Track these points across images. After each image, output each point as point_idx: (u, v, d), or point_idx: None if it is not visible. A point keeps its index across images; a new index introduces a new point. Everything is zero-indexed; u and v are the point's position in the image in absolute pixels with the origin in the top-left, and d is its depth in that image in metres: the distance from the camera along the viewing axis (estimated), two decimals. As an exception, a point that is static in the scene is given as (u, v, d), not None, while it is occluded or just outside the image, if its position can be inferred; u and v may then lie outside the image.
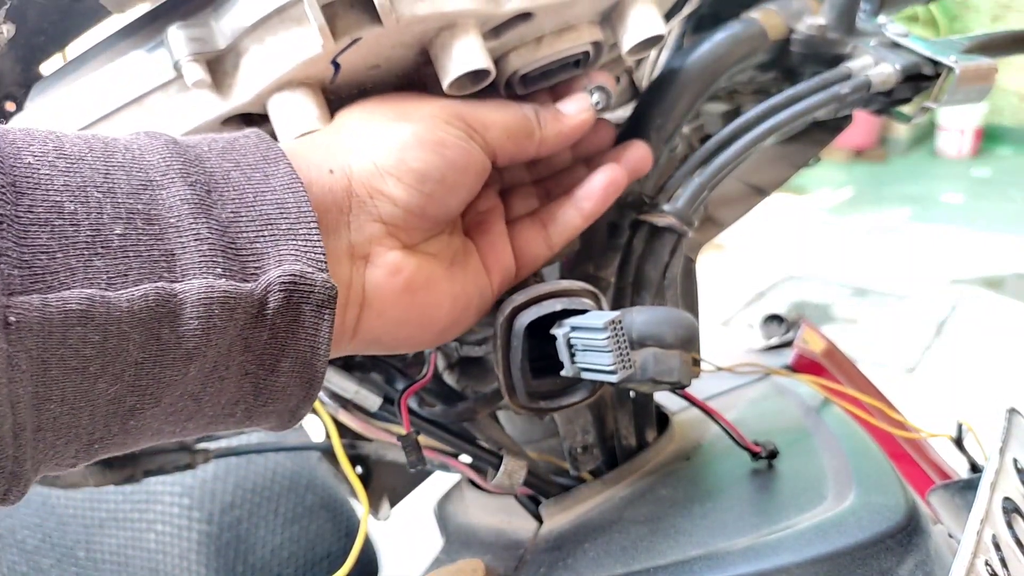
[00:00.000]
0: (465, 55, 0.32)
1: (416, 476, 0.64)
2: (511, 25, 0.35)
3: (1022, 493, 0.37)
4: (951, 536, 0.39)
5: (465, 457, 0.45)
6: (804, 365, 0.67)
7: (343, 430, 0.46)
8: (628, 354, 0.31)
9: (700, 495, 0.42)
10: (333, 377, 0.42)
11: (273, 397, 0.27)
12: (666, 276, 0.42)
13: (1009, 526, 0.35)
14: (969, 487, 0.39)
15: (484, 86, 0.35)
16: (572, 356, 0.32)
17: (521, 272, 0.37)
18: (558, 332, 0.32)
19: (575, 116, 0.36)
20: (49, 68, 0.37)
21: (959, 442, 0.57)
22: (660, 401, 0.51)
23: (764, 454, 0.44)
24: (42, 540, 0.74)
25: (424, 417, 0.44)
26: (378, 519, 0.61)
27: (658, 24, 0.36)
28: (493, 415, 0.47)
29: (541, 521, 0.47)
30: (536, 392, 0.35)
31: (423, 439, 0.44)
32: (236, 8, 0.31)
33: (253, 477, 0.77)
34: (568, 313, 0.33)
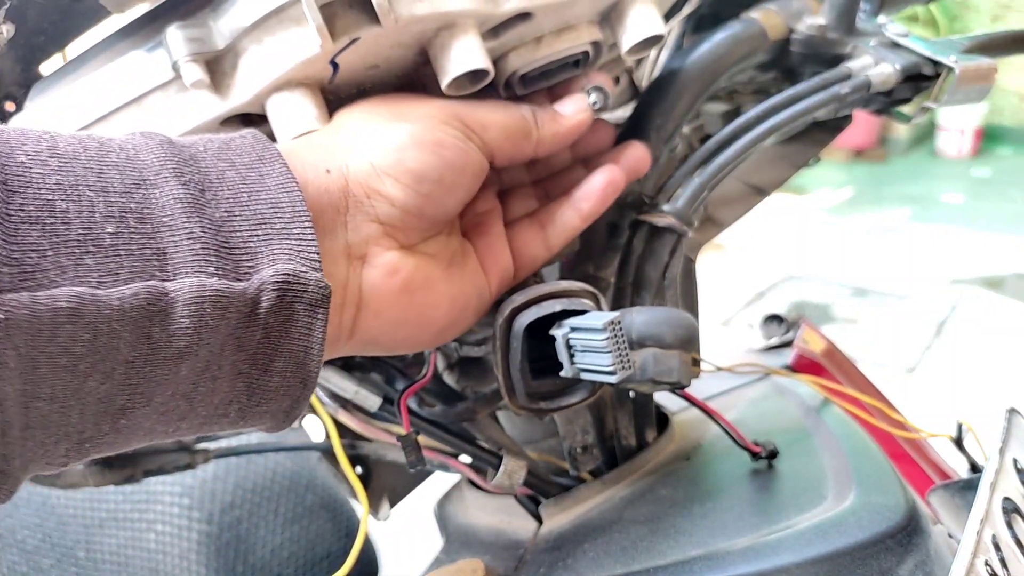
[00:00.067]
0: (464, 55, 0.32)
1: (416, 476, 0.64)
2: (510, 25, 0.34)
3: (1022, 493, 0.37)
4: (951, 536, 0.39)
5: (465, 457, 0.45)
6: (804, 365, 0.67)
7: (343, 430, 0.46)
8: (627, 355, 0.31)
9: (700, 495, 0.42)
10: (333, 377, 0.42)
11: (267, 397, 0.27)
12: (666, 276, 0.42)
13: (1009, 526, 0.35)
14: (969, 487, 0.38)
15: (483, 86, 0.35)
16: (571, 357, 0.32)
17: (519, 273, 0.37)
18: (557, 333, 0.32)
19: (573, 117, 0.36)
20: (49, 68, 0.37)
21: (959, 442, 0.57)
22: (660, 401, 0.51)
23: (764, 454, 0.44)
24: (42, 540, 0.74)
25: (424, 417, 0.44)
26: (378, 519, 0.61)
27: (657, 24, 0.36)
28: (493, 415, 0.47)
29: (541, 521, 0.47)
30: (536, 393, 0.35)
31: (423, 439, 0.44)
32: (235, 8, 0.31)
33: (253, 477, 0.77)
34: (567, 314, 0.33)
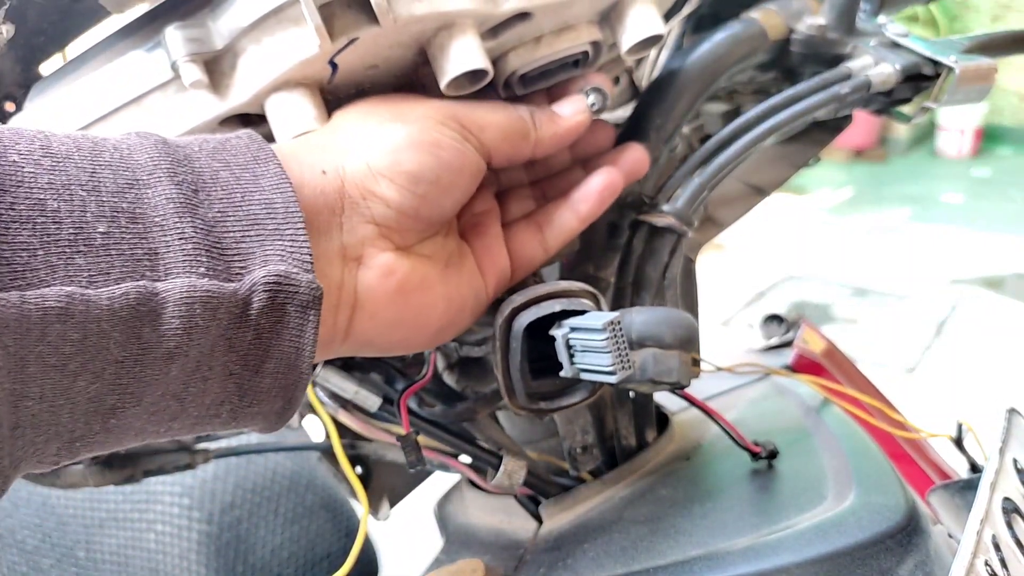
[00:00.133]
0: (463, 55, 0.32)
1: (416, 476, 0.63)
2: (509, 25, 0.34)
3: (1022, 493, 0.37)
4: (951, 536, 0.39)
5: (465, 457, 0.45)
6: (804, 365, 0.67)
7: (343, 430, 0.46)
8: (627, 355, 0.31)
9: (700, 495, 0.42)
10: (333, 377, 0.42)
11: (258, 399, 0.26)
12: (666, 276, 0.42)
13: (1009, 526, 0.35)
14: (969, 487, 0.38)
15: (482, 86, 0.35)
16: (571, 357, 0.32)
17: (516, 275, 0.37)
18: (557, 333, 0.32)
19: (571, 118, 0.36)
20: (49, 68, 0.37)
21: (959, 442, 0.57)
22: (660, 401, 0.51)
23: (764, 454, 0.44)
24: (42, 540, 0.74)
25: (424, 417, 0.44)
26: (378, 519, 0.61)
27: (657, 24, 0.36)
28: (493, 415, 0.47)
29: (541, 521, 0.47)
30: (536, 393, 0.35)
31: (423, 439, 0.44)
32: (233, 9, 0.31)
33: (253, 477, 0.77)
34: (567, 314, 0.33)
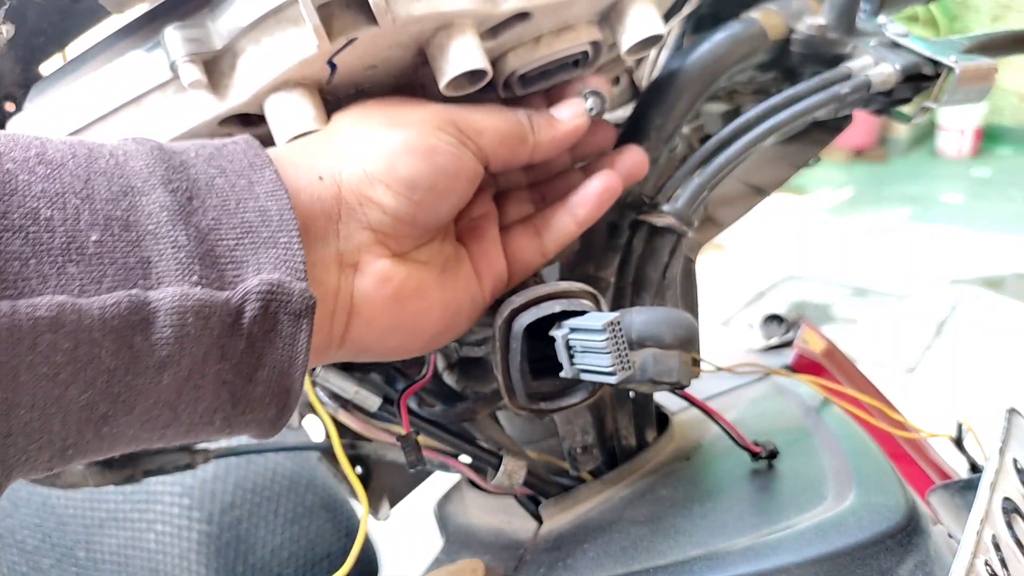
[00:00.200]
0: (462, 55, 0.32)
1: (416, 476, 0.63)
2: (509, 25, 0.34)
3: (1022, 493, 0.37)
4: (951, 536, 0.39)
5: (465, 457, 0.45)
6: (804, 365, 0.67)
7: (343, 430, 0.46)
8: (627, 355, 0.31)
9: (700, 495, 0.42)
10: (333, 377, 0.42)
11: (251, 406, 0.26)
12: (666, 276, 0.42)
13: (1009, 526, 0.35)
14: (969, 487, 0.38)
15: (482, 86, 0.35)
16: (571, 357, 0.32)
17: (514, 279, 0.37)
18: (557, 334, 0.32)
19: (569, 121, 0.36)
20: (49, 68, 0.37)
21: (959, 442, 0.57)
22: (660, 401, 0.51)
23: (764, 454, 0.44)
24: (42, 540, 0.74)
25: (424, 417, 0.44)
26: (378, 519, 0.61)
27: (657, 24, 0.36)
28: (493, 415, 0.47)
29: (541, 521, 0.47)
30: (536, 393, 0.35)
31: (423, 439, 0.44)
32: (232, 9, 0.31)
33: (253, 477, 0.77)
34: (567, 314, 0.33)
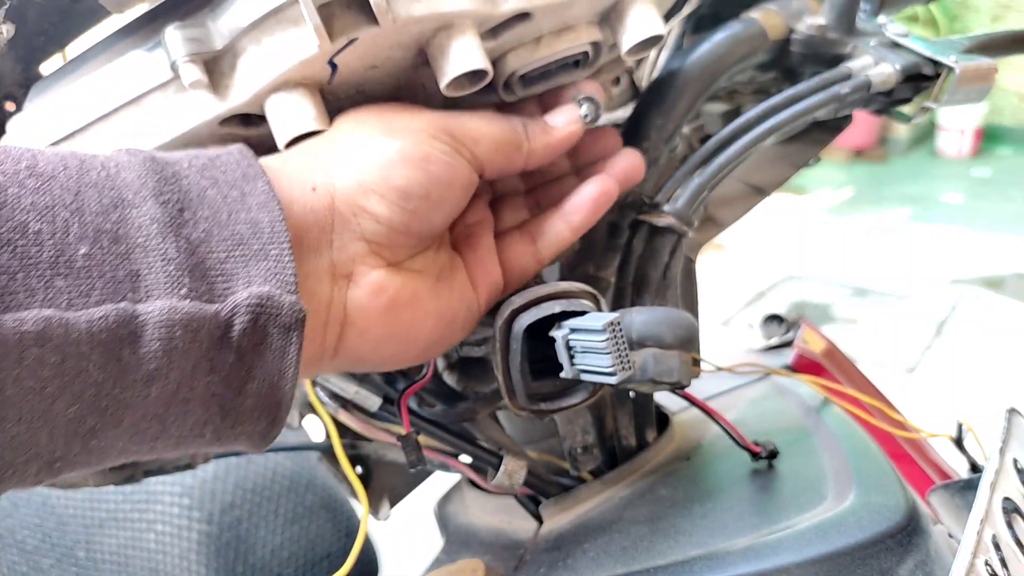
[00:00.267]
0: (462, 56, 0.32)
1: (416, 476, 0.64)
2: (509, 25, 0.34)
3: (1022, 493, 0.37)
4: (951, 536, 0.39)
5: (465, 457, 0.45)
6: (804, 365, 0.67)
7: (343, 430, 0.46)
8: (627, 355, 0.31)
9: (700, 495, 0.42)
10: (333, 377, 0.42)
11: (241, 419, 0.26)
12: (666, 276, 0.42)
13: (1009, 526, 0.35)
14: (969, 487, 0.39)
15: (482, 87, 0.35)
16: (571, 358, 0.32)
17: (509, 286, 0.36)
18: (557, 334, 0.32)
19: (563, 128, 0.36)
20: (49, 68, 0.37)
21: (959, 442, 0.57)
22: (660, 401, 0.51)
23: (764, 454, 0.44)
24: (42, 540, 0.74)
25: (424, 417, 0.44)
26: (378, 519, 0.61)
27: (657, 24, 0.36)
28: (493, 415, 0.47)
29: (541, 521, 0.47)
30: (536, 394, 0.35)
31: (423, 439, 0.44)
32: (233, 9, 0.31)
33: (253, 477, 0.77)
34: (567, 315, 0.33)
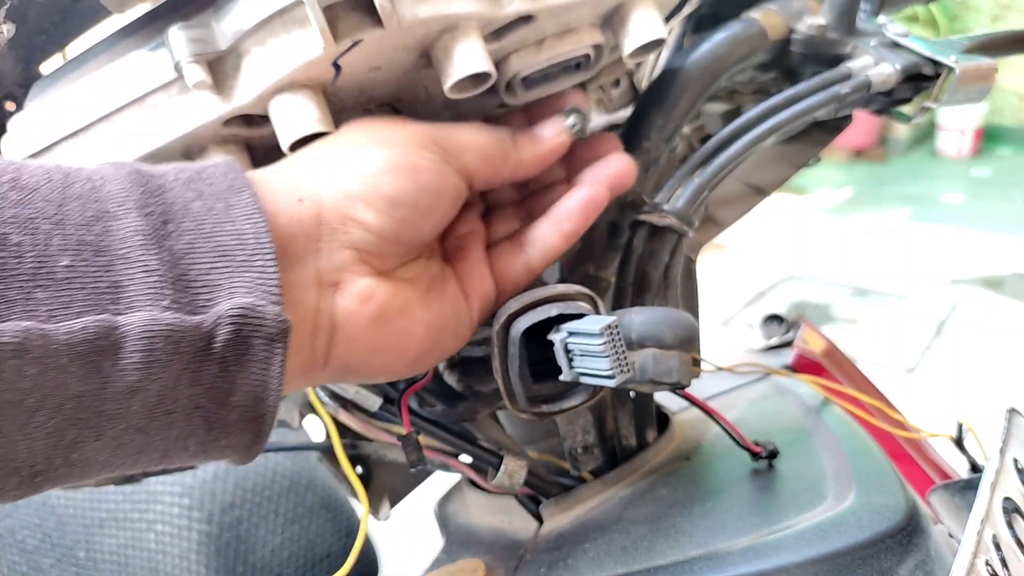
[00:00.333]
0: (467, 58, 0.32)
1: (416, 476, 0.64)
2: (512, 28, 0.34)
3: (1022, 493, 0.37)
4: (951, 536, 0.39)
5: (465, 457, 0.45)
6: (804, 365, 0.67)
7: (343, 430, 0.46)
8: (626, 358, 0.31)
9: (700, 495, 0.43)
10: (333, 377, 0.42)
11: (226, 432, 0.26)
12: (667, 276, 0.42)
13: (1009, 526, 0.35)
14: (969, 487, 0.39)
15: (485, 89, 0.35)
16: (570, 361, 0.32)
17: (501, 296, 0.36)
18: (555, 338, 0.32)
19: (551, 139, 0.36)
20: (49, 68, 0.37)
21: (959, 442, 0.57)
22: (660, 401, 0.51)
23: (764, 454, 0.44)
24: (42, 540, 0.74)
25: (424, 417, 0.44)
26: (378, 519, 0.61)
27: (660, 28, 0.36)
28: (493, 415, 0.47)
29: (541, 521, 0.47)
30: (536, 396, 0.35)
31: (423, 439, 0.44)
32: (237, 9, 0.31)
33: (253, 477, 0.77)
34: (565, 317, 0.33)
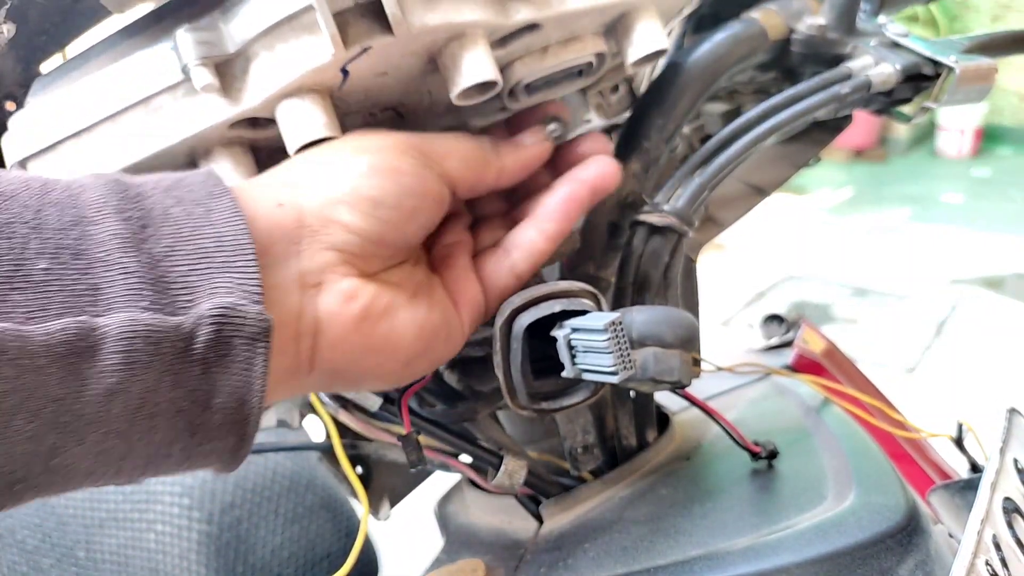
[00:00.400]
0: (475, 67, 0.32)
1: (416, 476, 0.64)
2: (518, 35, 0.35)
3: (1022, 493, 0.37)
4: (951, 536, 0.39)
5: (465, 457, 0.45)
6: (804, 365, 0.67)
7: (343, 430, 0.46)
8: (629, 355, 0.31)
9: (700, 495, 0.43)
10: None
11: (209, 436, 0.26)
12: (667, 276, 0.42)
13: (1009, 526, 0.35)
14: (969, 487, 0.39)
15: (491, 96, 0.35)
16: (573, 357, 0.32)
17: (490, 303, 0.36)
18: (558, 334, 0.32)
19: (533, 145, 0.37)
20: (49, 68, 0.37)
21: (959, 442, 0.57)
22: (660, 401, 0.51)
23: (764, 454, 0.44)
24: (42, 540, 0.74)
25: (424, 417, 0.44)
26: (378, 519, 0.61)
27: (662, 39, 0.36)
28: (493, 415, 0.47)
29: (541, 521, 0.47)
30: (537, 393, 0.35)
31: (423, 439, 0.44)
32: (246, 13, 0.31)
33: (253, 477, 0.77)
34: (568, 314, 0.33)
